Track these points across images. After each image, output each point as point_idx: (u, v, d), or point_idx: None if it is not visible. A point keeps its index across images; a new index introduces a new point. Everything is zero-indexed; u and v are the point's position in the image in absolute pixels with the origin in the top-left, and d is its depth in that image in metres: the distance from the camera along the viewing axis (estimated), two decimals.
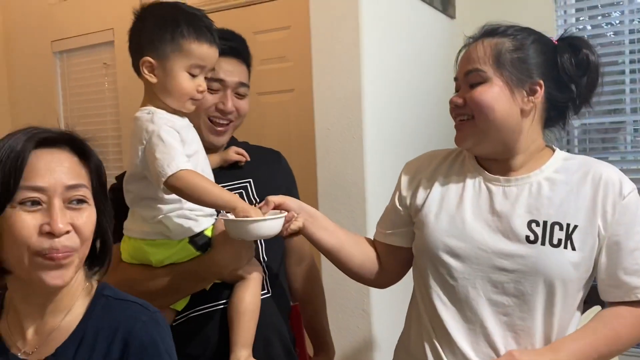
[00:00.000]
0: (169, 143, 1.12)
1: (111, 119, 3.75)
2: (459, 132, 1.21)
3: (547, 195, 1.15)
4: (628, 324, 1.12)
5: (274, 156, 1.55)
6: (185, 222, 1.19)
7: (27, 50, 4.02)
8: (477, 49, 1.17)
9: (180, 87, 1.18)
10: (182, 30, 1.17)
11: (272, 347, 1.34)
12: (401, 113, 2.11)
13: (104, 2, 3.62)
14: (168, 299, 1.24)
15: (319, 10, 1.92)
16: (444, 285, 1.18)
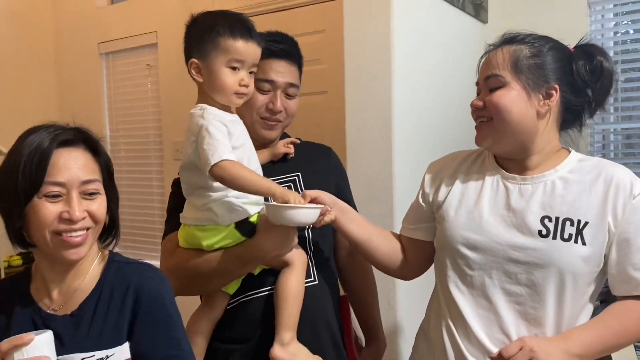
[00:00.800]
0: (215, 136, 1.23)
1: (153, 118, 3.88)
2: (479, 132, 1.28)
3: (560, 193, 1.21)
4: (636, 317, 1.16)
5: (324, 151, 1.62)
6: (232, 209, 1.28)
7: (75, 51, 4.20)
8: (497, 55, 1.24)
9: (222, 81, 1.28)
10: (218, 29, 1.27)
11: (318, 333, 1.40)
12: (429, 115, 2.16)
13: (148, 7, 3.77)
14: (218, 281, 1.33)
15: (352, 15, 2.00)
16: (462, 275, 1.25)
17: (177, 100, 3.62)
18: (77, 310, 1.11)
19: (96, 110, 4.12)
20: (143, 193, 3.99)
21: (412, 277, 1.51)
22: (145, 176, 3.98)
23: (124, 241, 4.15)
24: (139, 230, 4.05)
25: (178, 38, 1.39)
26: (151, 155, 3.92)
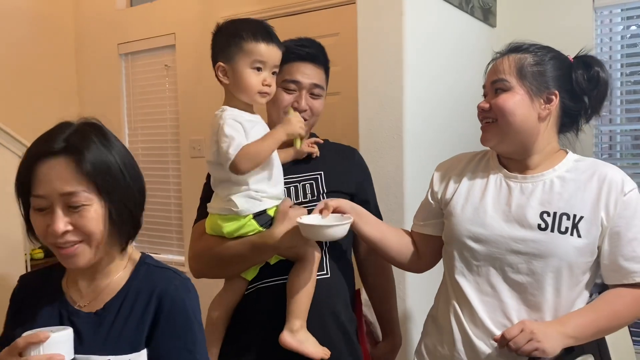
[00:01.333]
0: (229, 134, 1.34)
1: (170, 117, 4.00)
2: (485, 132, 1.39)
3: (558, 190, 1.32)
4: (626, 303, 1.27)
5: (348, 152, 1.71)
6: (251, 201, 1.39)
7: (96, 52, 4.32)
8: (504, 62, 1.36)
9: (247, 82, 1.39)
10: (241, 34, 1.39)
11: (326, 323, 1.48)
12: (439, 116, 2.25)
13: (167, 9, 3.89)
14: (237, 267, 1.45)
15: (365, 19, 2.09)
16: (468, 265, 1.36)
17: (194, 99, 3.73)
18: (102, 309, 1.11)
19: (115, 109, 4.24)
20: (160, 189, 4.11)
21: (424, 270, 1.62)
22: (162, 173, 4.09)
23: (141, 236, 4.27)
24: (156, 226, 4.17)
25: (195, 39, 1.49)
26: (168, 153, 4.04)
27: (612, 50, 2.91)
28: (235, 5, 3.50)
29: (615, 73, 2.89)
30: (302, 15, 3.16)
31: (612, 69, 2.90)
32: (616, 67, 2.89)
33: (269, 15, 3.30)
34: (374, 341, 1.79)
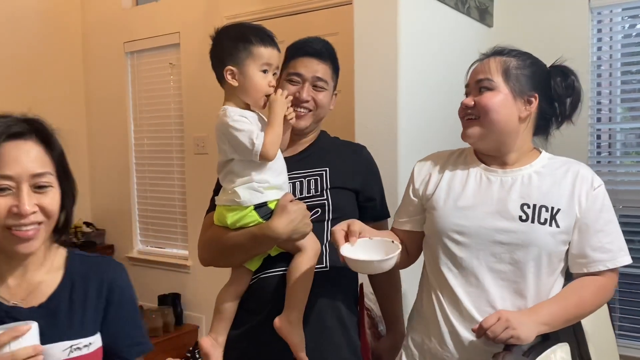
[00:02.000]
0: (243, 127, 1.41)
1: (175, 114, 4.07)
2: (466, 128, 1.45)
3: (536, 184, 1.40)
4: (591, 292, 1.36)
5: (356, 149, 1.75)
6: (252, 193, 1.45)
7: (102, 50, 4.40)
8: (490, 63, 1.43)
9: (256, 84, 1.46)
10: (250, 39, 1.45)
11: (324, 315, 1.53)
12: (434, 116, 2.31)
13: (171, 8, 3.96)
14: (239, 256, 1.51)
15: (361, 19, 2.15)
16: (452, 257, 1.42)
17: (198, 97, 3.80)
18: (47, 302, 1.13)
19: (121, 106, 4.32)
20: (165, 185, 4.19)
21: (407, 265, 1.67)
22: (167, 169, 4.17)
23: (145, 230, 4.36)
24: (160, 220, 4.25)
25: (199, 38, 1.55)
26: (173, 150, 4.11)
27: (612, 50, 2.95)
28: (239, 5, 3.56)
29: (615, 72, 2.94)
30: (302, 15, 3.23)
31: (613, 67, 2.95)
32: (616, 65, 2.94)
33: (271, 14, 3.37)
34: (378, 336, 1.83)
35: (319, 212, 1.57)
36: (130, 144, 4.34)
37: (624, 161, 2.97)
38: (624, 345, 2.81)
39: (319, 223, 1.56)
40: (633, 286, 2.87)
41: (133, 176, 4.36)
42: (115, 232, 4.49)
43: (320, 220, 1.57)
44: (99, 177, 4.55)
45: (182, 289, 4.05)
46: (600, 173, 2.91)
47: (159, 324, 3.73)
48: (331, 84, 1.67)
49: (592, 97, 2.91)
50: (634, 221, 2.89)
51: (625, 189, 2.87)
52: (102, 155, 4.51)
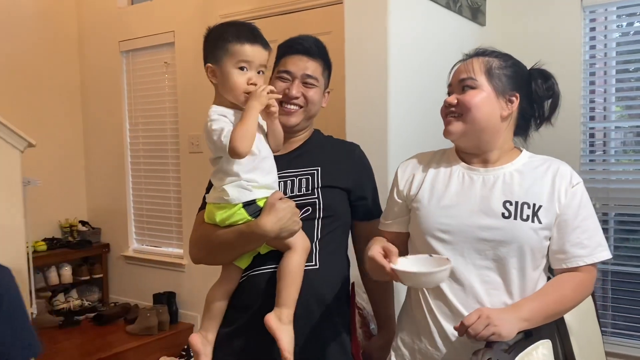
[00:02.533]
0: (217, 127, 1.42)
1: (170, 113, 4.09)
2: (448, 126, 1.47)
3: (518, 182, 1.41)
4: (570, 287, 1.37)
5: (349, 148, 1.75)
6: (241, 191, 1.45)
7: (98, 49, 4.42)
8: (473, 62, 1.45)
9: (232, 81, 1.45)
10: (226, 37, 1.45)
11: (312, 313, 1.53)
12: (424, 113, 2.30)
13: (166, 7, 3.97)
14: (228, 254, 1.52)
15: (351, 18, 2.16)
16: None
17: (193, 95, 3.81)
18: None
19: (117, 105, 4.34)
20: (160, 184, 4.20)
21: None
22: (162, 168, 4.18)
23: (141, 229, 4.37)
24: (156, 219, 4.26)
25: (194, 37, 1.55)
26: (168, 148, 4.12)
27: (607, 48, 2.96)
28: (233, 3, 3.57)
29: (610, 70, 2.95)
30: (296, 14, 3.23)
31: (607, 66, 2.96)
32: (611, 64, 2.95)
33: (264, 13, 3.37)
34: (370, 335, 1.83)
35: (310, 211, 1.58)
36: (126, 143, 4.35)
37: (621, 159, 2.97)
38: (617, 344, 2.82)
39: (309, 221, 1.56)
40: (626, 284, 2.89)
41: (128, 175, 4.37)
42: (111, 230, 4.50)
43: (310, 219, 1.57)
44: (95, 176, 4.56)
45: (177, 288, 4.06)
46: (595, 172, 2.94)
47: (154, 323, 3.75)
48: (322, 81, 1.67)
49: (585, 96, 2.92)
50: (628, 219, 2.90)
51: (619, 187, 2.88)
52: (97, 154, 4.52)
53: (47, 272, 4.15)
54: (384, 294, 1.78)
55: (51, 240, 4.27)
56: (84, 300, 4.30)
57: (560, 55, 2.82)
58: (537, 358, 1.26)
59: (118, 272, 4.48)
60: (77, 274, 4.32)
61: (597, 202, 2.86)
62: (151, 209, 4.28)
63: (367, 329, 1.84)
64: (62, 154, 4.41)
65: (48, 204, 4.27)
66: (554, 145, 2.61)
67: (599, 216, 2.86)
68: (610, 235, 2.93)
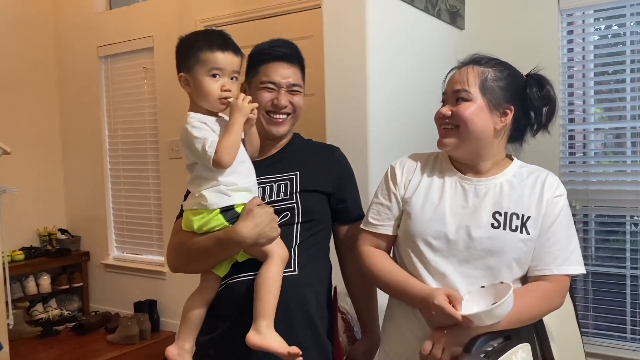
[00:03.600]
0: (199, 135, 1.40)
1: (149, 119, 4.04)
2: (443, 137, 1.46)
3: (507, 193, 1.42)
4: (535, 297, 1.36)
5: (328, 150, 1.74)
6: (219, 196, 1.43)
7: (75, 54, 4.36)
8: (468, 72, 1.43)
9: (206, 89, 1.44)
10: (197, 45, 1.44)
11: (292, 319, 1.51)
12: (403, 117, 2.31)
13: (145, 12, 3.94)
14: (205, 261, 1.49)
15: (330, 23, 2.15)
16: (425, 263, 1.42)
17: (172, 101, 3.77)
18: None
19: (95, 111, 4.28)
20: (140, 190, 4.15)
21: None
22: (142, 174, 4.13)
23: (121, 236, 4.31)
24: (136, 227, 4.21)
25: (173, 42, 1.54)
26: (148, 155, 4.08)
27: (585, 51, 2.99)
28: (212, 8, 3.55)
29: (588, 73, 2.98)
30: (276, 18, 3.22)
31: (586, 68, 2.99)
32: (589, 66, 2.98)
33: (244, 18, 3.35)
34: (354, 339, 1.80)
35: (289, 216, 1.56)
36: (105, 149, 4.30)
37: (601, 161, 3.00)
38: (599, 344, 2.84)
39: (288, 226, 1.54)
40: (607, 285, 2.91)
41: (108, 182, 4.32)
42: (91, 238, 4.44)
43: (289, 224, 1.55)
44: (74, 183, 4.49)
45: (158, 296, 4.01)
46: (575, 174, 2.96)
47: (135, 331, 3.70)
48: (303, 85, 1.67)
49: (564, 99, 2.94)
50: (608, 221, 2.92)
51: (599, 188, 2.90)
52: (76, 160, 4.46)
53: (25, 281, 4.07)
54: (367, 297, 1.75)
55: (29, 249, 4.19)
56: (64, 309, 4.23)
57: (538, 59, 2.77)
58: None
59: (98, 281, 4.41)
60: (56, 283, 4.25)
61: (577, 204, 2.88)
62: (131, 215, 4.23)
63: (351, 333, 1.81)
64: (39, 161, 4.34)
65: (25, 213, 4.20)
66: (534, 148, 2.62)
67: (580, 218, 2.91)
68: (591, 236, 2.96)
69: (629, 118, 2.84)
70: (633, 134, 2.83)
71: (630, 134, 2.84)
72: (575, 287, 2.97)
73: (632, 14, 2.78)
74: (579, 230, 2.94)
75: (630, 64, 2.80)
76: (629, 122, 2.83)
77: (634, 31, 2.81)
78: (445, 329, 1.30)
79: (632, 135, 2.83)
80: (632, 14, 2.78)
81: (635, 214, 2.81)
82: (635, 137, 2.82)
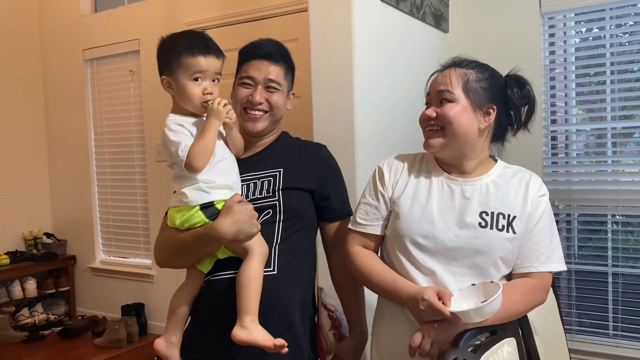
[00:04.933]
0: (174, 139, 1.45)
1: (136, 122, 4.04)
2: (429, 139, 1.48)
3: (493, 193, 1.45)
4: (520, 292, 1.40)
5: (313, 148, 1.74)
6: (198, 193, 1.46)
7: (61, 57, 4.34)
8: (450, 74, 1.47)
9: (189, 93, 1.48)
10: (179, 49, 1.47)
11: (269, 319, 1.51)
12: (390, 118, 2.34)
13: (130, 15, 3.93)
14: (187, 257, 1.53)
15: (316, 26, 2.18)
16: (414, 262, 1.45)
17: (159, 104, 3.77)
18: None
19: (81, 114, 4.27)
20: (127, 193, 4.14)
21: None
22: (128, 177, 4.12)
23: (108, 240, 4.29)
24: (123, 230, 4.20)
25: None
26: (134, 157, 4.07)
27: (566, 53, 3.05)
28: (198, 11, 3.56)
29: (570, 75, 3.03)
30: (263, 21, 3.24)
31: (567, 70, 3.04)
32: (571, 68, 3.03)
33: (230, 20, 3.37)
34: (341, 337, 1.80)
35: (270, 214, 1.57)
36: (91, 152, 4.28)
37: (583, 161, 3.06)
38: (582, 341, 2.90)
39: (269, 224, 1.56)
40: (590, 282, 2.96)
41: (94, 185, 4.30)
42: (77, 242, 4.42)
43: (271, 222, 1.57)
44: (60, 186, 4.47)
45: (145, 299, 4.00)
46: (558, 174, 3.01)
47: (122, 335, 3.69)
48: (285, 84, 1.67)
49: (546, 100, 3.00)
50: (591, 219, 2.98)
51: (582, 188, 2.95)
52: (62, 164, 4.44)
53: (11, 286, 4.04)
54: (354, 297, 1.76)
55: (14, 253, 4.16)
56: (50, 314, 4.20)
57: (520, 61, 2.82)
58: (503, 356, 1.29)
59: (85, 285, 4.39)
60: (42, 287, 4.22)
61: (560, 203, 2.94)
62: (118, 219, 4.22)
63: (338, 331, 1.80)
64: (25, 164, 4.31)
65: (10, 217, 4.18)
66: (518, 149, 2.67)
67: (563, 217, 2.97)
68: (574, 235, 3.01)
69: (609, 119, 2.90)
70: (613, 134, 2.89)
71: (611, 135, 2.90)
72: (559, 285, 3.02)
73: (612, 17, 2.84)
74: (562, 229, 3.00)
75: (610, 66, 2.87)
76: (609, 123, 2.90)
77: (613, 34, 2.88)
78: (435, 323, 1.32)
79: (613, 135, 2.90)
80: (612, 17, 2.84)
81: (616, 212, 2.88)
82: (615, 138, 2.89)
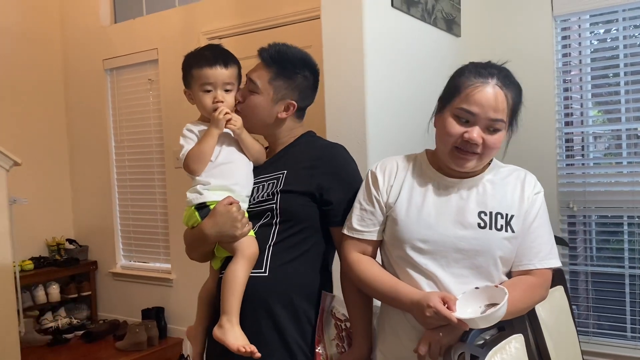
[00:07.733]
0: (181, 143, 1.61)
1: (155, 129, 4.12)
2: (466, 161, 1.42)
3: (490, 193, 1.46)
4: (521, 289, 1.40)
5: (323, 150, 1.67)
6: (194, 194, 1.58)
7: (82, 67, 4.45)
8: (501, 100, 1.39)
9: (202, 103, 1.62)
10: (190, 64, 1.62)
11: (258, 320, 1.54)
12: (403, 123, 2.37)
13: (149, 25, 4.02)
14: (194, 252, 1.66)
15: (329, 33, 2.21)
16: (415, 266, 1.45)
17: (177, 111, 3.84)
18: None
19: (102, 122, 4.37)
20: (147, 200, 4.22)
21: None
22: (148, 184, 4.20)
23: (128, 245, 4.37)
24: (143, 235, 4.27)
25: (177, 54, 1.66)
26: (154, 165, 4.15)
27: (582, 55, 3.04)
28: (215, 20, 3.62)
29: (586, 77, 3.03)
30: (277, 29, 3.30)
31: (583, 72, 3.04)
32: (586, 70, 3.03)
33: (246, 29, 3.43)
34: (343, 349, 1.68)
35: (269, 216, 1.59)
36: (112, 160, 4.37)
37: (598, 163, 3.04)
38: (600, 343, 2.88)
39: (266, 227, 1.58)
40: (608, 285, 2.95)
41: (115, 192, 4.39)
42: (98, 248, 4.50)
43: (268, 225, 1.58)
44: (81, 193, 4.57)
45: (165, 303, 4.07)
46: (574, 176, 3.01)
47: (143, 338, 3.75)
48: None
49: (559, 102, 3.00)
50: (609, 221, 2.97)
51: (600, 190, 2.94)
52: (83, 171, 4.53)
53: (35, 290, 4.14)
54: (356, 307, 1.64)
55: (38, 259, 4.26)
56: (73, 318, 4.29)
57: (533, 64, 2.90)
58: (510, 352, 1.30)
59: (106, 289, 4.48)
60: (64, 292, 4.32)
61: (574, 205, 2.93)
62: (138, 224, 4.30)
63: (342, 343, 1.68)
64: (48, 172, 4.42)
65: (34, 223, 4.27)
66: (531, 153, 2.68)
67: (580, 219, 2.96)
68: (592, 237, 3.00)
69: (624, 120, 2.90)
70: (629, 135, 2.88)
71: (626, 136, 2.89)
72: (577, 288, 3.01)
73: (625, 18, 2.84)
74: (579, 231, 2.99)
75: (624, 67, 2.86)
76: (624, 124, 2.89)
77: (626, 35, 2.87)
78: (441, 330, 1.33)
79: (628, 137, 2.89)
80: (625, 18, 2.84)
81: (632, 214, 2.86)
82: (630, 139, 2.88)
